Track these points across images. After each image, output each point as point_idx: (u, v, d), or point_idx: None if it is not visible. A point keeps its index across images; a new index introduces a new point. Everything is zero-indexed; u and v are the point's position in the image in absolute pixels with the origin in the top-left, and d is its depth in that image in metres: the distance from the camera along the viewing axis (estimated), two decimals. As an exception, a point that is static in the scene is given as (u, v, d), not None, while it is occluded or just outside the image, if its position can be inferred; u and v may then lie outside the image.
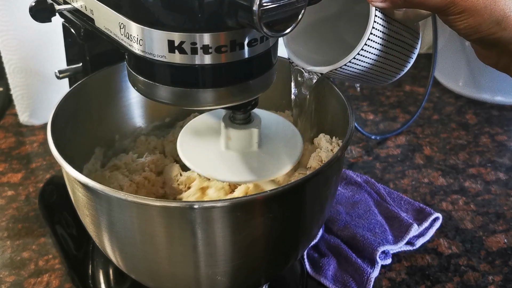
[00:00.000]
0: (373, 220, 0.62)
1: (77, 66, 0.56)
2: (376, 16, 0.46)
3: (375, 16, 0.46)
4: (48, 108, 0.83)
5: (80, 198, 0.43)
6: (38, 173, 0.73)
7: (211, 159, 0.48)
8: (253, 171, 0.46)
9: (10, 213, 0.66)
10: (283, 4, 0.34)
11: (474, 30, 0.44)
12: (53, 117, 0.47)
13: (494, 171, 0.74)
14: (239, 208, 0.39)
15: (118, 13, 0.39)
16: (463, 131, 0.84)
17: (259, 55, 0.39)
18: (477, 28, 0.44)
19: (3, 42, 0.76)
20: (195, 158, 0.48)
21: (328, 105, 0.54)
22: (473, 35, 0.45)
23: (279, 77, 0.45)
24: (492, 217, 0.66)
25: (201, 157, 0.48)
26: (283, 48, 0.51)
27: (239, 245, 0.41)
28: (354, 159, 0.77)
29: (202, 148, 0.49)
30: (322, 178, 0.43)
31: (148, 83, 0.40)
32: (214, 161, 0.47)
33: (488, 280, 0.57)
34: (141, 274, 0.47)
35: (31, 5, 0.52)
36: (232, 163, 0.47)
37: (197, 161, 0.47)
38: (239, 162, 0.47)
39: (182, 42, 0.36)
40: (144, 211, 0.39)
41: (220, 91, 0.39)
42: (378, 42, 0.47)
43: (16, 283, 0.56)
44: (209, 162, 0.47)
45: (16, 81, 0.79)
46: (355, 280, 0.55)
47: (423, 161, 0.76)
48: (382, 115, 0.88)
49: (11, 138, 0.81)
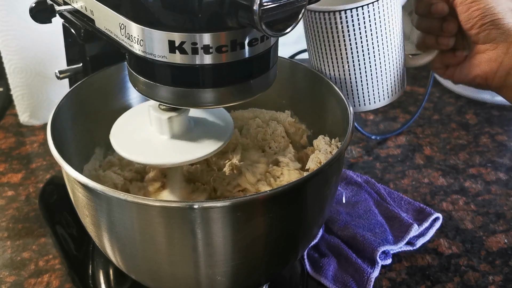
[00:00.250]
0: (373, 220, 0.62)
1: (77, 66, 0.56)
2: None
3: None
4: (48, 108, 0.84)
5: (80, 199, 0.43)
6: (38, 173, 0.74)
7: (147, 147, 0.48)
8: (187, 151, 0.46)
9: (10, 213, 0.66)
10: (283, 3, 0.34)
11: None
12: (53, 117, 0.47)
13: (494, 171, 0.74)
14: (239, 208, 0.39)
15: (119, 13, 0.39)
16: (463, 131, 0.84)
17: (259, 54, 0.39)
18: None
19: (3, 42, 0.76)
20: (130, 148, 0.47)
21: (328, 105, 0.54)
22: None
23: (279, 77, 0.45)
24: (492, 217, 0.66)
25: (136, 145, 0.48)
26: (283, 48, 0.51)
27: (239, 245, 0.41)
28: (354, 159, 0.77)
29: (135, 138, 0.49)
30: (322, 178, 0.43)
31: (149, 83, 0.40)
32: (150, 148, 0.47)
33: (488, 280, 0.57)
34: (141, 274, 0.47)
35: (31, 6, 0.52)
36: (167, 147, 0.47)
37: (132, 150, 0.47)
38: (173, 146, 0.47)
39: (182, 42, 0.36)
40: (144, 211, 0.39)
41: (221, 91, 0.39)
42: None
43: (16, 283, 0.56)
44: (145, 150, 0.47)
45: (16, 81, 0.79)
46: (355, 280, 0.55)
47: (423, 161, 0.76)
48: (382, 115, 0.88)
49: (11, 138, 0.81)
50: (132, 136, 0.49)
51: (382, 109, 0.90)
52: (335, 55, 0.53)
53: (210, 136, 0.48)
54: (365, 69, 0.53)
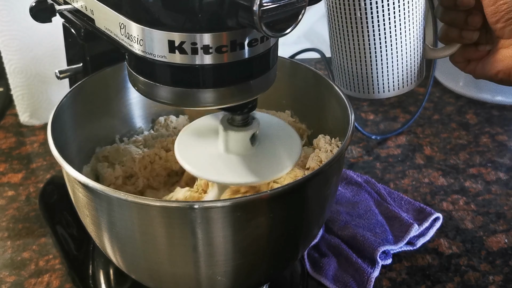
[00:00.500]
0: (374, 220, 0.62)
1: (77, 66, 0.56)
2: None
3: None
4: (48, 108, 0.84)
5: (80, 198, 0.43)
6: (39, 173, 0.74)
7: (210, 162, 0.47)
8: (253, 173, 0.46)
9: (10, 213, 0.66)
10: (283, 4, 0.34)
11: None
12: (53, 117, 0.47)
13: (495, 171, 0.74)
14: (239, 208, 0.39)
15: (119, 13, 0.39)
16: (463, 131, 0.84)
17: (259, 55, 0.39)
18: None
19: (3, 43, 0.76)
20: (193, 161, 0.47)
21: (328, 105, 0.54)
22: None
23: (279, 77, 0.45)
24: (492, 217, 0.66)
25: (200, 159, 0.48)
26: (283, 48, 0.51)
27: (239, 245, 0.41)
28: (354, 159, 0.77)
29: (201, 151, 0.49)
30: (322, 178, 0.43)
31: (149, 83, 0.40)
32: (213, 164, 0.47)
33: (489, 280, 0.57)
34: (141, 274, 0.47)
35: (31, 5, 0.52)
36: (231, 165, 0.47)
37: (195, 163, 0.47)
38: (239, 165, 0.47)
39: (182, 42, 0.36)
40: (144, 211, 0.39)
41: (221, 91, 0.39)
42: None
43: (17, 283, 0.56)
44: (208, 165, 0.47)
45: (17, 81, 0.79)
46: (355, 280, 0.55)
47: (423, 161, 0.76)
48: (382, 115, 0.88)
49: (11, 138, 0.82)
50: (197, 147, 0.49)
51: (382, 109, 0.90)
52: (357, 40, 0.54)
53: (277, 158, 0.48)
54: (384, 55, 0.54)
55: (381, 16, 0.52)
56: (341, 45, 0.56)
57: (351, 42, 0.55)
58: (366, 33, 0.54)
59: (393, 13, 0.52)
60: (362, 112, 0.89)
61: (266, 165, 0.47)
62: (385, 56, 0.54)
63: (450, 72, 0.95)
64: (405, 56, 0.55)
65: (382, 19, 0.52)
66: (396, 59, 0.55)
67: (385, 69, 0.55)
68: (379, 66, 0.55)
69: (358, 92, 0.58)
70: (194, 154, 0.48)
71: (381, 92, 0.57)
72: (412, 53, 0.55)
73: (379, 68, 0.55)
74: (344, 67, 0.58)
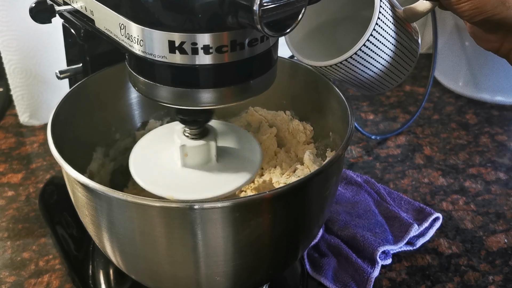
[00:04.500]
0: (373, 220, 0.62)
1: (77, 67, 0.56)
2: (380, 13, 0.46)
3: (379, 13, 0.46)
4: (48, 108, 0.84)
5: (80, 199, 0.43)
6: (38, 174, 0.74)
7: (169, 178, 0.46)
8: (213, 186, 0.45)
9: (10, 213, 0.66)
10: (283, 3, 0.34)
11: (479, 10, 0.43)
12: (53, 118, 0.47)
13: (494, 171, 0.74)
14: (239, 209, 0.39)
15: (118, 13, 0.39)
16: (463, 131, 0.84)
17: (259, 55, 0.39)
18: (482, 9, 0.43)
19: (3, 43, 0.76)
20: (151, 178, 0.46)
21: (328, 105, 0.54)
22: (477, 16, 0.44)
23: (279, 77, 0.45)
24: (492, 217, 0.66)
25: (158, 176, 0.47)
26: (284, 48, 0.51)
27: (239, 246, 0.41)
28: (354, 159, 0.77)
29: (158, 166, 0.48)
30: (322, 178, 0.43)
31: (149, 83, 0.40)
32: (172, 180, 0.46)
33: (489, 280, 0.57)
34: (141, 275, 0.47)
35: (31, 6, 0.52)
36: (190, 180, 0.46)
37: (153, 181, 0.46)
38: (198, 179, 0.46)
39: (182, 42, 0.36)
40: (144, 211, 0.39)
41: (221, 91, 0.39)
42: (379, 40, 0.47)
43: (17, 283, 0.56)
44: (167, 181, 0.46)
45: (16, 81, 0.79)
46: (355, 280, 0.55)
47: (423, 161, 0.76)
48: (382, 115, 0.88)
49: (11, 138, 0.82)
50: (152, 161, 0.48)
51: (382, 109, 0.90)
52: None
53: (236, 169, 0.47)
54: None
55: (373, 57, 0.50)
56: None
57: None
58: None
59: (383, 48, 0.49)
60: (362, 112, 0.89)
61: (225, 178, 0.47)
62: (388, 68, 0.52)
63: (449, 72, 0.95)
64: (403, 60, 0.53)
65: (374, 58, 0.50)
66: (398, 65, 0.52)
67: (391, 75, 0.53)
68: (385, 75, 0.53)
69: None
70: (152, 172, 0.47)
71: (385, 89, 0.55)
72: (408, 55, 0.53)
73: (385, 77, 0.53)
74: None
